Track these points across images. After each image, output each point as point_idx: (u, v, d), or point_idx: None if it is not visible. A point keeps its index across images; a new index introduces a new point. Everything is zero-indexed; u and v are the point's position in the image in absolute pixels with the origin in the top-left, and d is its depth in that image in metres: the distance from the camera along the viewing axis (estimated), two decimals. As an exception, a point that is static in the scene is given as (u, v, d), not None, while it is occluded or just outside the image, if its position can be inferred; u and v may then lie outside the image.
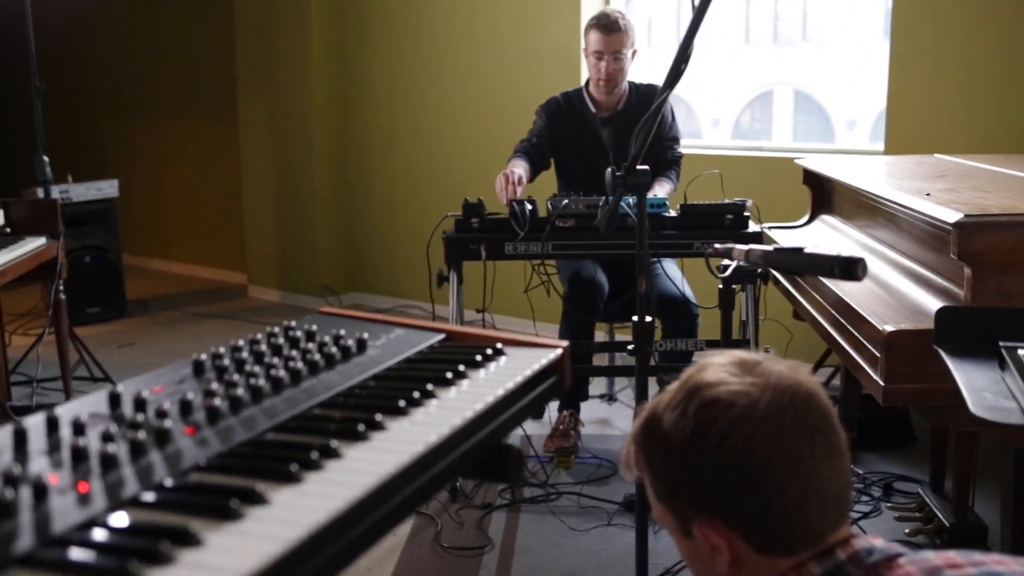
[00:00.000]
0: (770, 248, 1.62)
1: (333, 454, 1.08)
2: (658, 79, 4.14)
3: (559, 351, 1.49)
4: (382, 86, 6.02)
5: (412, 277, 6.03)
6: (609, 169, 2.09)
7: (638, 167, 2.06)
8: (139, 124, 7.48)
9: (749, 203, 3.60)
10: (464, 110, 5.71)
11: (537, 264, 3.73)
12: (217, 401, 1.18)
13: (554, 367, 1.47)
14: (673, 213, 3.57)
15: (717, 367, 1.19)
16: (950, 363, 1.93)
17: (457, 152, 5.75)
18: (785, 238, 3.72)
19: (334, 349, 1.41)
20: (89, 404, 1.19)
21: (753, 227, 3.59)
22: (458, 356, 1.44)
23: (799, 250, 1.55)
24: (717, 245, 1.88)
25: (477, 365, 1.42)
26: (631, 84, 3.95)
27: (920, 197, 2.68)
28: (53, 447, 1.07)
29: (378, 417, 1.18)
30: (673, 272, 3.83)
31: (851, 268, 1.46)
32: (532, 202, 3.56)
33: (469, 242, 3.56)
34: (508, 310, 4.22)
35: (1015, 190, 2.79)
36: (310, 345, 1.42)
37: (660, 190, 3.83)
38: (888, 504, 3.41)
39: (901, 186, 2.94)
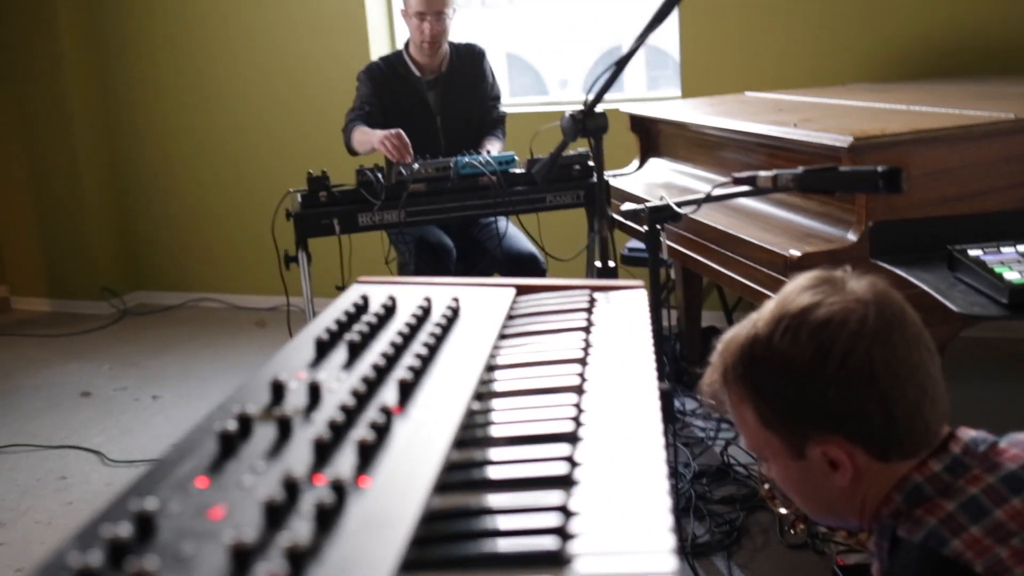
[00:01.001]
0: (799, 170, 1.66)
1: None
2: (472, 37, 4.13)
3: (642, 289, 1.46)
4: (148, 68, 5.56)
5: (205, 269, 5.66)
6: (567, 112, 2.06)
7: (596, 110, 2.04)
8: None
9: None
10: (249, 88, 5.38)
11: (395, 233, 3.62)
12: (405, 374, 1.05)
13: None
14: (520, 169, 3.58)
15: (809, 290, 1.21)
16: (904, 273, 2.05)
17: (250, 133, 5.42)
18: (625, 183, 3.83)
19: (440, 316, 1.30)
20: (249, 400, 1.03)
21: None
22: (567, 304, 1.38)
23: (833, 168, 1.60)
24: (736, 175, 1.89)
25: (587, 310, 1.36)
26: (451, 44, 3.90)
27: (790, 128, 2.85)
28: (275, 448, 0.91)
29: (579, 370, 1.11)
30: (512, 230, 3.84)
31: (896, 178, 1.52)
32: (380, 169, 3.44)
33: (320, 217, 3.40)
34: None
35: (868, 116, 3.03)
36: (408, 316, 1.30)
37: (494, 148, 3.82)
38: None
39: (759, 119, 3.11)
